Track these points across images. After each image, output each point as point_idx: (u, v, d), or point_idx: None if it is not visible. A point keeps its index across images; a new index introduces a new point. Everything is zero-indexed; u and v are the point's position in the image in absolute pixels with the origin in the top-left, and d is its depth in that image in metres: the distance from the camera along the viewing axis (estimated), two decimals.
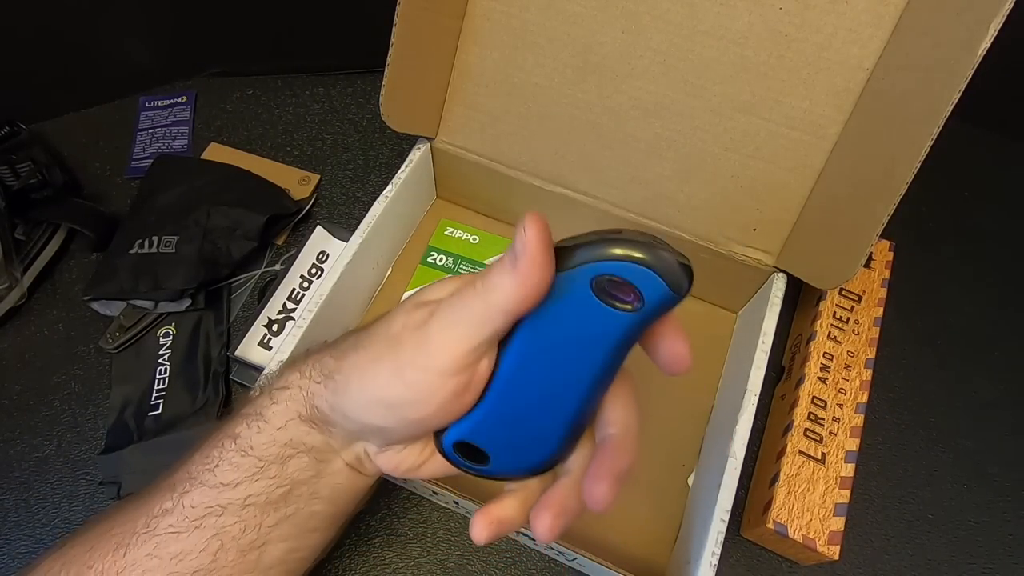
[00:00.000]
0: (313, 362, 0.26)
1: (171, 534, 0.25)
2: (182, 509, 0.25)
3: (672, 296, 0.21)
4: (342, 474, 0.27)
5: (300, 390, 0.26)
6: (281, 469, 0.26)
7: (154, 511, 0.26)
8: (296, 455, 0.26)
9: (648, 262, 0.20)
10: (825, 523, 0.38)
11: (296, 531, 0.27)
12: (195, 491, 0.26)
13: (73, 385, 0.48)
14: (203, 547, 0.25)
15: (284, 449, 0.26)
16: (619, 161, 0.45)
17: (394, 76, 0.43)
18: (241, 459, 0.26)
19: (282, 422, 0.26)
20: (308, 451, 0.26)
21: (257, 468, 0.26)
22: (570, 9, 0.42)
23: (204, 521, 0.25)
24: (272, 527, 0.26)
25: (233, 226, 0.50)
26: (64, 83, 0.60)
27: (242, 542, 0.25)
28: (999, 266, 0.54)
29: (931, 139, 0.33)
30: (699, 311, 0.50)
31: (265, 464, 0.26)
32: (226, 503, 0.25)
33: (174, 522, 0.25)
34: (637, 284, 0.20)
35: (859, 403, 0.42)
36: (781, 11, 0.38)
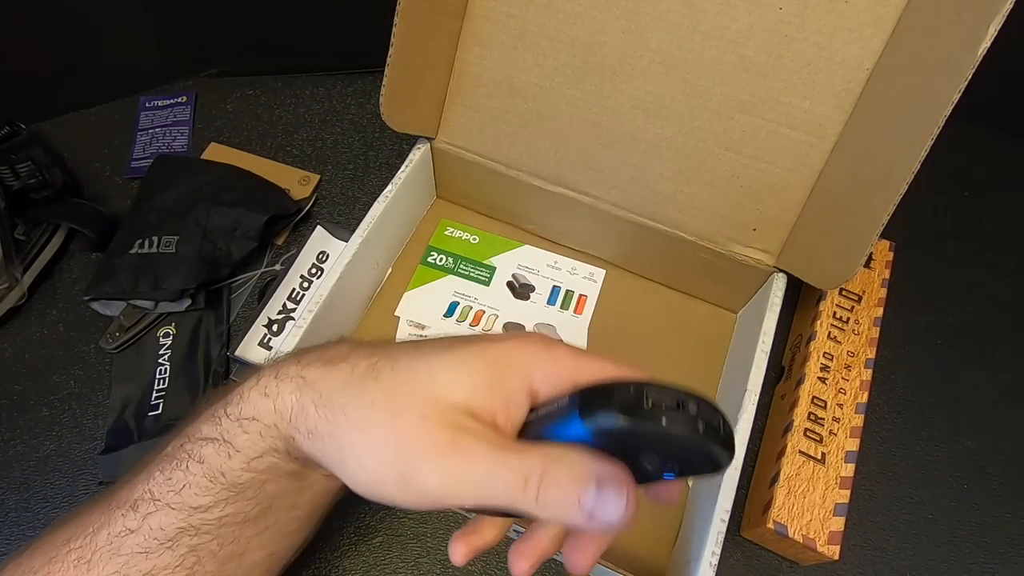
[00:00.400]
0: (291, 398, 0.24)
1: (140, 553, 0.24)
2: (149, 530, 0.24)
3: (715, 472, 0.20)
4: (320, 483, 0.26)
5: (277, 429, 0.24)
6: (259, 492, 0.25)
7: (116, 528, 0.24)
8: (273, 479, 0.25)
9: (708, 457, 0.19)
10: (825, 523, 0.38)
11: (277, 538, 0.26)
12: (160, 513, 0.24)
13: (73, 385, 0.48)
14: (178, 563, 0.24)
15: (261, 475, 0.25)
16: (619, 161, 0.45)
17: (394, 76, 0.43)
18: (210, 484, 0.24)
19: (257, 453, 0.24)
20: (287, 475, 0.25)
21: (231, 493, 0.24)
22: (570, 9, 0.42)
23: (177, 541, 0.24)
24: (252, 537, 0.25)
25: (233, 226, 0.50)
26: (64, 83, 0.60)
27: (221, 555, 0.25)
28: (999, 265, 0.54)
29: (931, 139, 0.33)
30: (699, 311, 0.50)
31: (241, 489, 0.25)
32: (199, 524, 0.24)
33: (141, 542, 0.24)
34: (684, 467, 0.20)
35: (859, 403, 0.42)
36: (781, 11, 0.38)
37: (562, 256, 0.52)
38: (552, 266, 0.52)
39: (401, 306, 0.50)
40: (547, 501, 0.19)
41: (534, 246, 0.53)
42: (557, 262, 0.52)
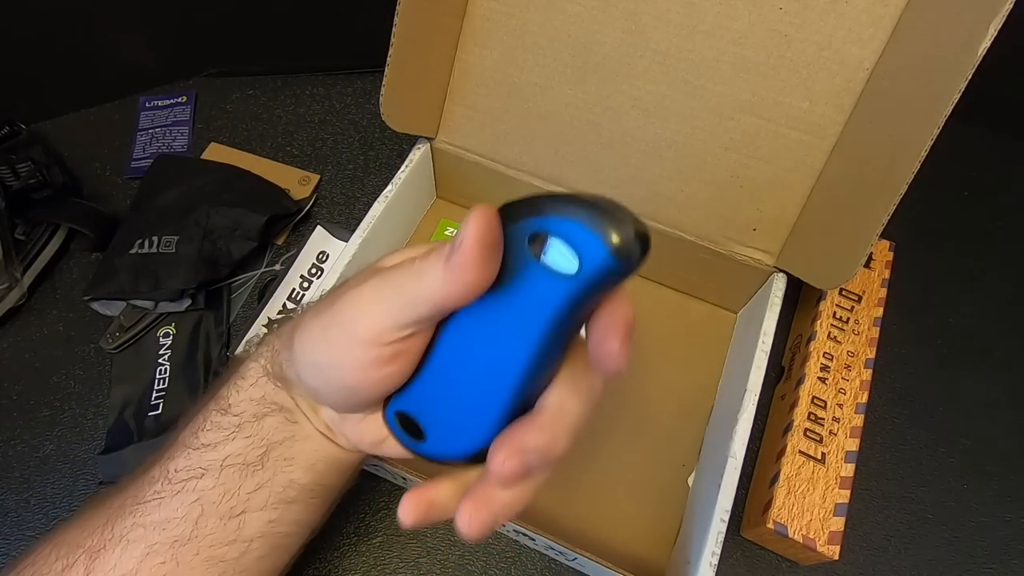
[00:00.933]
0: (286, 321, 0.27)
1: (155, 501, 0.25)
2: (167, 475, 0.26)
3: (614, 262, 0.18)
4: (315, 440, 0.27)
5: (269, 348, 0.27)
6: (256, 428, 0.26)
7: (143, 481, 0.26)
8: (269, 413, 0.26)
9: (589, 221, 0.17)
10: (825, 523, 0.38)
11: (274, 500, 0.26)
12: (180, 456, 0.26)
13: (73, 385, 0.48)
14: (184, 513, 0.25)
15: (257, 407, 0.26)
16: (619, 161, 0.45)
17: (394, 76, 0.43)
18: (221, 418, 0.26)
19: (254, 379, 0.26)
20: (280, 410, 0.26)
21: (234, 427, 0.26)
22: (570, 9, 0.42)
23: (186, 485, 0.25)
24: (250, 493, 0.26)
25: (233, 226, 0.50)
26: (64, 83, 0.60)
27: (221, 508, 0.25)
28: (999, 266, 0.54)
29: (931, 139, 0.33)
30: (699, 311, 0.50)
31: (242, 422, 0.26)
32: (206, 465, 0.26)
33: (159, 488, 0.26)
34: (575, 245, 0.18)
35: (859, 403, 0.42)
36: (781, 11, 0.38)
37: None
38: None
39: None
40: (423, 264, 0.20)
41: None
42: None
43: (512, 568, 0.41)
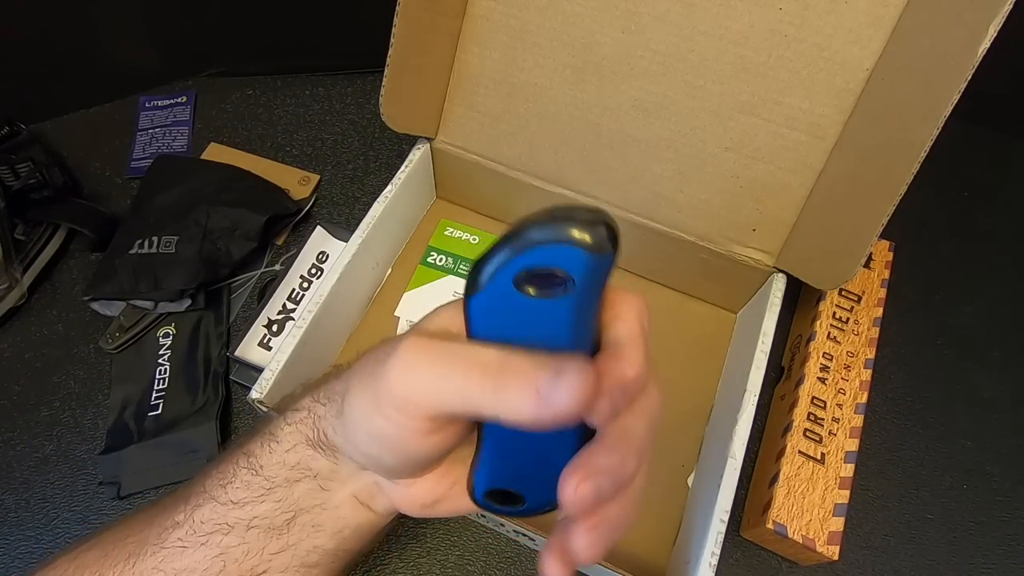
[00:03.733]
0: (324, 385, 0.26)
1: (178, 548, 0.25)
2: (191, 523, 0.25)
3: (600, 259, 0.18)
4: (346, 507, 0.26)
5: (309, 413, 0.26)
6: (287, 492, 0.25)
7: (166, 523, 0.26)
8: (303, 479, 0.26)
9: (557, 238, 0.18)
10: (825, 523, 0.38)
11: (296, 563, 0.26)
12: (206, 506, 0.25)
13: (73, 385, 0.48)
14: (207, 566, 0.25)
15: (291, 472, 0.25)
16: (619, 161, 0.45)
17: (394, 76, 0.43)
18: (252, 478, 0.26)
19: (291, 444, 0.26)
20: (314, 476, 0.26)
21: (265, 489, 0.25)
22: (570, 9, 0.42)
23: (211, 538, 0.25)
24: (274, 555, 0.26)
25: (233, 226, 0.50)
26: (64, 83, 0.60)
27: (244, 566, 0.25)
28: (999, 266, 0.54)
29: (931, 139, 0.33)
30: (699, 311, 0.50)
31: (273, 486, 0.25)
32: (233, 522, 0.25)
33: (183, 536, 0.25)
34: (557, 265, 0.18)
35: (859, 403, 0.42)
36: (781, 11, 0.38)
37: None
38: None
39: (401, 306, 0.50)
40: (505, 388, 0.19)
41: None
42: None
43: (512, 568, 0.41)
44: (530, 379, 0.19)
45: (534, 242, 0.18)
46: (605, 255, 0.18)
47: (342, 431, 0.24)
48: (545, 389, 0.18)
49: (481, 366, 0.20)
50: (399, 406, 0.21)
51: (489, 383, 0.19)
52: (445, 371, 0.20)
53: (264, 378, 0.39)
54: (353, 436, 0.24)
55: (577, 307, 0.19)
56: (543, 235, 0.18)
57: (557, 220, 0.18)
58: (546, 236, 0.18)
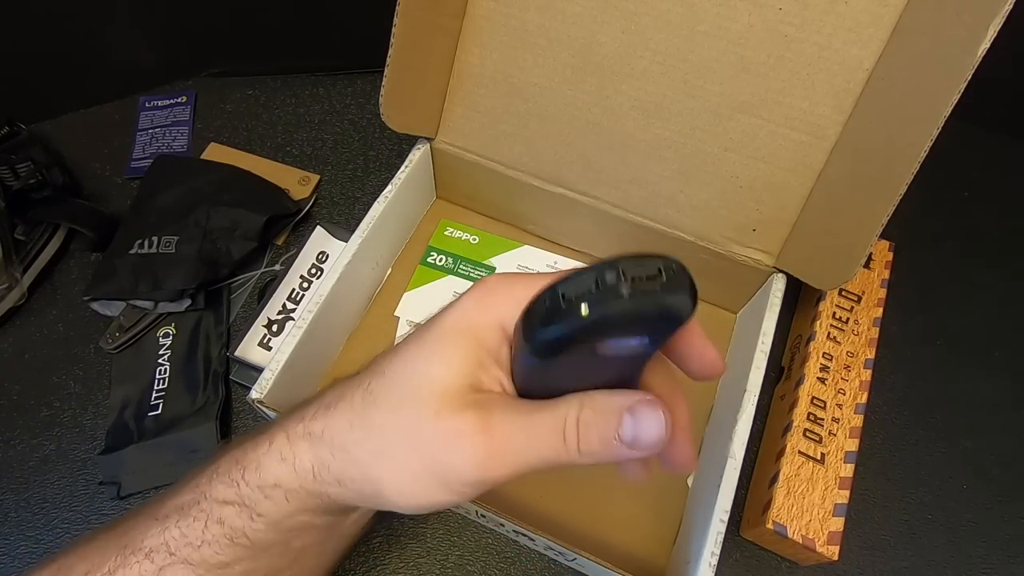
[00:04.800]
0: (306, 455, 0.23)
1: None
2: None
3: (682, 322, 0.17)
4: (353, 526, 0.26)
5: (304, 490, 0.23)
6: (286, 548, 0.25)
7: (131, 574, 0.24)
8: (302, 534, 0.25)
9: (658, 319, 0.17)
10: (824, 523, 0.38)
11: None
12: (176, 567, 0.23)
13: (73, 385, 0.48)
14: None
15: (288, 534, 0.24)
16: (619, 161, 0.45)
17: (394, 76, 0.43)
18: (231, 545, 0.24)
19: (285, 515, 0.24)
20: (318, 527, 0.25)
21: (257, 551, 0.24)
22: (570, 9, 0.42)
23: None
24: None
25: (233, 226, 0.50)
26: (64, 83, 0.60)
27: None
28: (999, 266, 0.54)
29: (931, 139, 0.33)
30: (699, 311, 0.49)
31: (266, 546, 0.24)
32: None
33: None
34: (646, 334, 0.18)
35: (858, 403, 0.42)
36: (781, 11, 0.38)
37: (562, 256, 0.52)
38: (552, 266, 0.52)
39: (401, 306, 0.50)
40: (589, 447, 0.20)
41: (534, 246, 0.53)
42: (557, 262, 0.52)
43: (512, 568, 0.41)
44: (611, 431, 0.20)
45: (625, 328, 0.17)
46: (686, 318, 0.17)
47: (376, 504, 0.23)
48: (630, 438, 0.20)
49: (559, 432, 0.20)
50: (480, 486, 0.21)
51: (573, 446, 0.20)
52: (526, 449, 0.20)
53: (264, 378, 0.39)
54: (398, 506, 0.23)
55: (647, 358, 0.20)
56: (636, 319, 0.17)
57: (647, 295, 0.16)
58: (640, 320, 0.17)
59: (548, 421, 0.20)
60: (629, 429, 0.20)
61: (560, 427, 0.20)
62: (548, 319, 0.17)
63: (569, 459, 0.20)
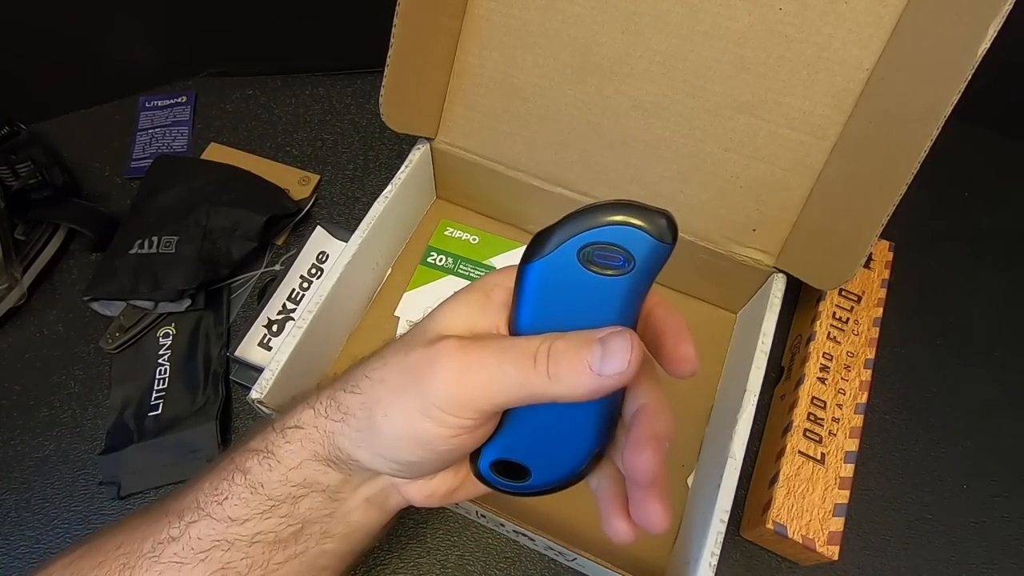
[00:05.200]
0: (326, 398, 0.25)
1: (175, 563, 0.24)
2: (188, 539, 0.25)
3: (660, 246, 0.20)
4: (357, 512, 0.26)
5: (316, 429, 0.25)
6: (293, 508, 0.25)
7: (161, 536, 0.25)
8: (309, 494, 0.25)
9: (627, 220, 0.20)
10: (824, 523, 0.38)
11: (304, 569, 0.26)
12: (202, 522, 0.25)
13: (73, 385, 0.48)
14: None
15: (296, 489, 0.25)
16: (619, 161, 0.45)
17: (394, 76, 0.43)
18: (251, 496, 0.25)
19: (296, 462, 0.25)
20: (323, 490, 0.25)
21: (267, 507, 0.25)
22: (570, 9, 0.42)
23: (210, 554, 0.25)
24: (280, 564, 0.25)
25: (233, 226, 0.50)
26: (64, 83, 0.60)
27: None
28: (999, 266, 0.54)
29: (931, 139, 0.33)
30: (699, 311, 0.50)
31: (276, 503, 0.25)
32: (233, 538, 0.25)
33: (179, 551, 0.25)
34: (623, 244, 0.20)
35: (859, 403, 0.42)
36: (781, 11, 0.38)
37: None
38: None
39: (401, 306, 0.50)
40: (558, 370, 0.20)
41: None
42: None
43: (512, 568, 0.41)
44: (581, 357, 0.20)
45: (607, 221, 0.20)
46: (666, 245, 0.20)
47: (369, 443, 0.24)
48: (597, 364, 0.20)
49: (530, 355, 0.21)
50: (455, 409, 0.22)
51: (543, 369, 0.21)
52: (497, 368, 0.21)
53: (264, 378, 0.39)
54: (386, 446, 0.23)
55: (630, 289, 0.21)
56: (617, 215, 0.20)
57: (630, 206, 0.20)
58: (620, 217, 0.20)
59: (522, 345, 0.21)
60: (597, 354, 0.20)
61: (532, 351, 0.21)
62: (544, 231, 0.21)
63: (540, 384, 0.21)
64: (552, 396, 0.21)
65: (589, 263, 0.21)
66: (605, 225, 0.20)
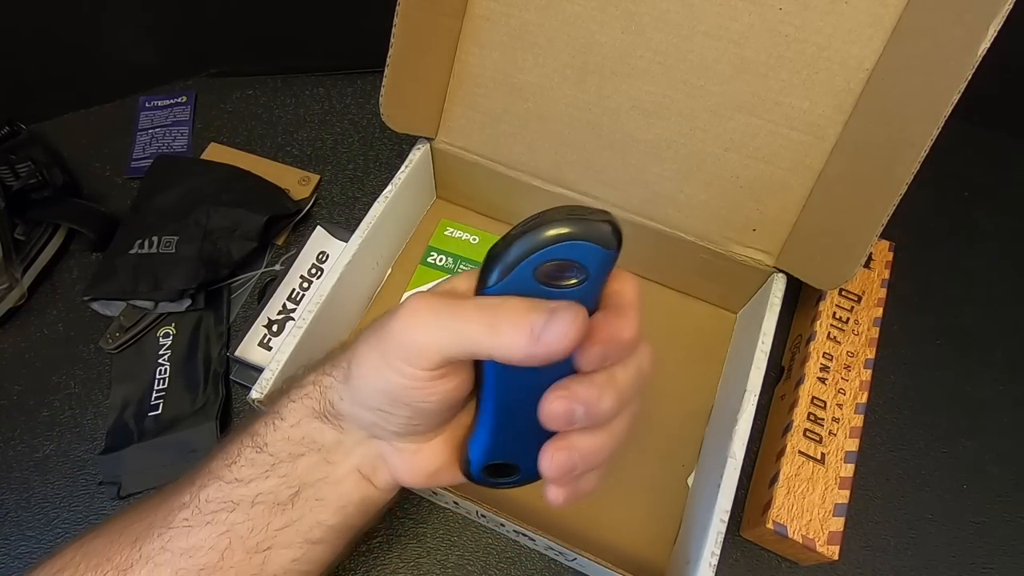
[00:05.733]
0: (328, 359, 0.27)
1: (184, 528, 0.26)
2: (197, 503, 0.26)
3: (609, 254, 0.21)
4: (349, 481, 0.27)
5: (315, 387, 0.27)
6: (291, 468, 0.26)
7: (173, 504, 0.26)
8: (307, 453, 0.26)
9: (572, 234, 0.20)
10: (825, 523, 0.38)
11: (300, 539, 0.27)
12: (212, 486, 0.26)
13: (73, 385, 0.48)
14: (212, 544, 0.25)
15: (296, 447, 0.26)
16: (619, 161, 0.45)
17: (394, 76, 0.43)
18: (256, 455, 0.26)
19: (296, 419, 0.26)
20: (318, 450, 0.26)
21: (269, 465, 0.26)
22: (570, 9, 0.42)
23: (216, 516, 0.26)
24: (279, 531, 0.26)
25: (233, 226, 0.50)
26: (64, 83, 0.60)
27: (249, 543, 0.26)
28: (999, 266, 0.54)
29: (931, 139, 0.33)
30: (699, 311, 0.50)
31: (277, 461, 0.26)
32: (238, 499, 0.26)
33: (189, 516, 0.26)
34: (574, 258, 0.21)
35: (859, 403, 0.42)
36: (781, 11, 0.38)
37: None
38: None
39: None
40: (500, 325, 0.21)
41: None
42: None
43: (512, 568, 0.41)
44: (525, 318, 0.20)
45: (557, 238, 0.20)
46: (613, 251, 0.21)
47: (349, 395, 0.25)
48: (539, 328, 0.20)
49: (479, 308, 0.21)
50: (406, 356, 0.22)
51: (486, 322, 0.21)
52: (447, 317, 0.22)
53: (264, 378, 0.39)
54: (362, 396, 0.25)
55: (587, 295, 0.22)
56: (566, 231, 0.20)
57: (576, 219, 0.20)
58: (569, 233, 0.20)
59: (477, 299, 0.22)
60: (542, 320, 0.20)
61: (484, 304, 0.22)
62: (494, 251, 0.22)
63: (480, 334, 0.21)
64: (488, 349, 0.21)
65: (547, 280, 0.21)
66: (553, 243, 0.20)
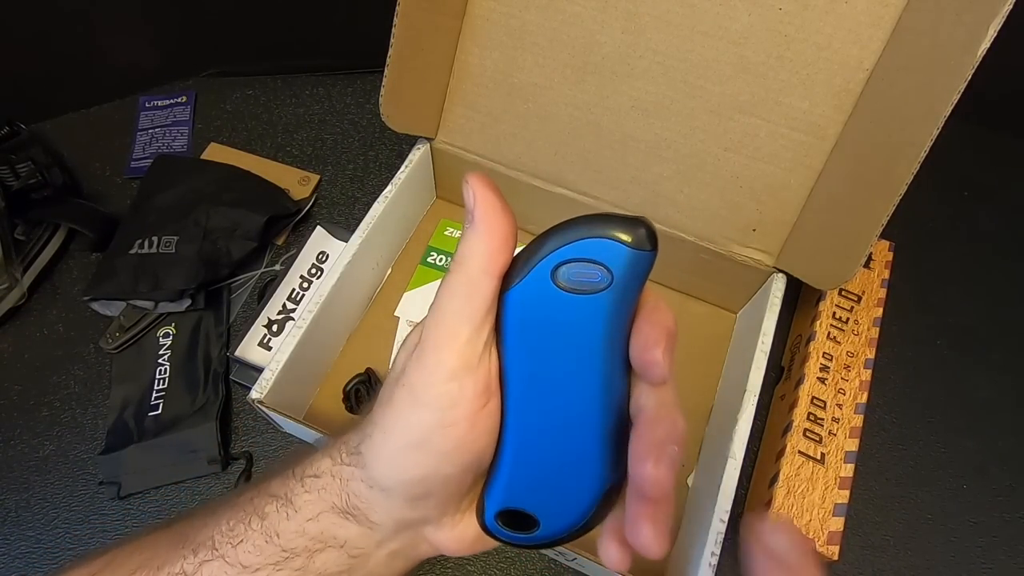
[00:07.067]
0: (342, 444, 0.25)
1: None
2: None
3: (637, 255, 0.19)
4: (381, 565, 0.25)
5: (333, 478, 0.24)
6: (307, 562, 0.24)
7: (175, 569, 0.24)
8: (325, 549, 0.24)
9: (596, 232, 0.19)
10: (825, 523, 0.38)
11: None
12: (215, 563, 0.24)
13: (73, 385, 0.48)
14: None
15: (312, 542, 0.24)
16: (619, 161, 0.45)
17: (394, 76, 0.43)
18: (265, 544, 0.24)
19: (313, 513, 0.24)
20: (340, 545, 0.24)
21: (281, 558, 0.24)
22: (570, 9, 0.42)
23: None
24: None
25: (233, 226, 0.50)
26: (64, 83, 0.60)
27: None
28: (999, 266, 0.54)
29: (931, 139, 0.33)
30: (699, 311, 0.50)
31: (290, 555, 0.24)
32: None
33: None
34: (596, 258, 0.19)
35: (858, 403, 0.42)
36: (781, 11, 0.38)
37: None
38: None
39: (401, 306, 0.50)
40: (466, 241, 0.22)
41: None
42: None
43: (512, 568, 0.41)
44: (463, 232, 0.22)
45: (576, 236, 0.19)
46: (644, 252, 0.19)
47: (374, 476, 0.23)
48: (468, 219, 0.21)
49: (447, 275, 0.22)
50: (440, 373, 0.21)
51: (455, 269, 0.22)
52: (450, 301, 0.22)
53: (264, 378, 0.39)
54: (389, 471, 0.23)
55: (612, 305, 0.20)
56: (585, 230, 0.19)
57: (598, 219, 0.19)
58: (588, 231, 0.19)
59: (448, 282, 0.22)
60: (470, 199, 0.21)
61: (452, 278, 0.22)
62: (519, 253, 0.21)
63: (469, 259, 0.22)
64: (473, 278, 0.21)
65: (564, 283, 0.20)
66: (574, 241, 0.19)
